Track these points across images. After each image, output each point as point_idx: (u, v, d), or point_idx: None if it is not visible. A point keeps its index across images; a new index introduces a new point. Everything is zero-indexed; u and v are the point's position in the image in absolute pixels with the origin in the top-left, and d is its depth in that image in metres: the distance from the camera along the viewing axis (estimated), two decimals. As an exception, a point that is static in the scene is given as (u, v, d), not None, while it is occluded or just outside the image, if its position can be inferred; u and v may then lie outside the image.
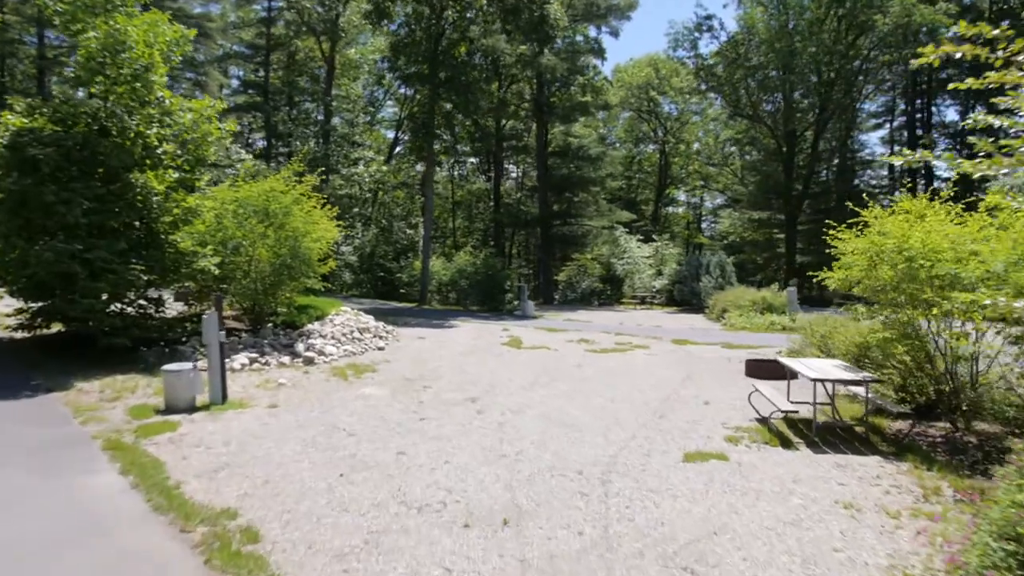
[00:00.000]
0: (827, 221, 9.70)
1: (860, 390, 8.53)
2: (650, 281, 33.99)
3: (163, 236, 12.02)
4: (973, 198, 7.97)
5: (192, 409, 8.38)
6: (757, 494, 5.63)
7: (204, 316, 8.87)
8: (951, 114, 48.02)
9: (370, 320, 16.72)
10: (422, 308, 28.41)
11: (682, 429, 7.82)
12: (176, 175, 12.49)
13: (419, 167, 49.14)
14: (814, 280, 9.80)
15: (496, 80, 35.96)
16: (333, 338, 13.78)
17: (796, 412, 7.72)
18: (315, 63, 42.11)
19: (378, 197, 46.10)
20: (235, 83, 46.18)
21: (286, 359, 11.97)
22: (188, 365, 8.67)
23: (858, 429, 7.90)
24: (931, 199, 8.48)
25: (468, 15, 28.01)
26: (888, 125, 51.18)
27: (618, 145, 56.91)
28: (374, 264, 34.86)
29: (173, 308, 14.74)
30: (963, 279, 7.12)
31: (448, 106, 29.81)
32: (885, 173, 51.25)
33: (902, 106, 47.58)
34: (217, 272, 12.33)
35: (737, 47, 33.91)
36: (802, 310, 18.18)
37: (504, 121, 41.87)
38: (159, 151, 12.17)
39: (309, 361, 12.08)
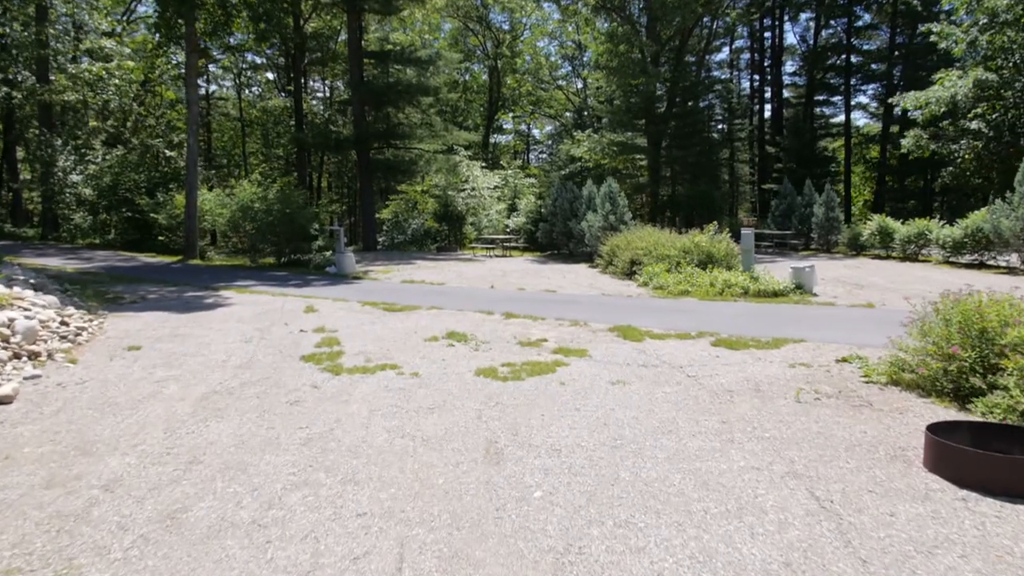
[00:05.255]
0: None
1: None
2: (501, 219, 27.32)
3: None
4: None
5: None
6: None
7: None
8: (790, 38, 46.29)
9: (29, 312, 8.32)
10: (187, 264, 19.51)
11: None
12: None
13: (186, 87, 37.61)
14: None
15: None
16: None
17: None
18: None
19: (124, 106, 34.20)
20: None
21: None
22: None
23: None
24: None
25: None
26: (727, 48, 48.91)
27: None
28: (118, 200, 24.55)
29: None
30: None
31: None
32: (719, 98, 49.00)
33: (740, 28, 44.91)
34: None
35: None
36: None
37: (304, 20, 32.19)
38: None
39: None
